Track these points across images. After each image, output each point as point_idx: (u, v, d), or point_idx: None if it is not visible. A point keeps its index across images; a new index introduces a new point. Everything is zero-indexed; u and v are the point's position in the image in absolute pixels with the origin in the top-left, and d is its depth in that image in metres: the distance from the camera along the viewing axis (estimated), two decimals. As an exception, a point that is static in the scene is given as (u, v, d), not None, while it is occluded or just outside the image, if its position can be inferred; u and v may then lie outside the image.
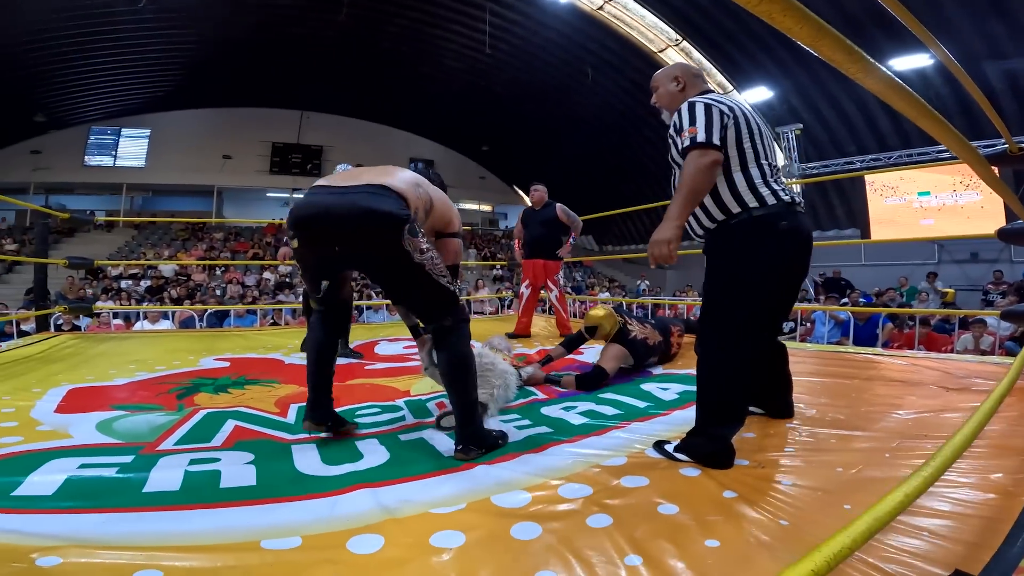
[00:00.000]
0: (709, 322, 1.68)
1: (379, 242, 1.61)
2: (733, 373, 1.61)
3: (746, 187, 1.62)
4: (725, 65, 12.53)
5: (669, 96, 1.83)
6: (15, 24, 11.30)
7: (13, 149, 16.51)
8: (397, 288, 1.78)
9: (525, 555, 1.09)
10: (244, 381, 2.81)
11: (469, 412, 1.70)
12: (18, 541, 1.09)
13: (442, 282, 1.71)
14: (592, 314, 3.05)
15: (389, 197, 1.64)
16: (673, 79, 1.82)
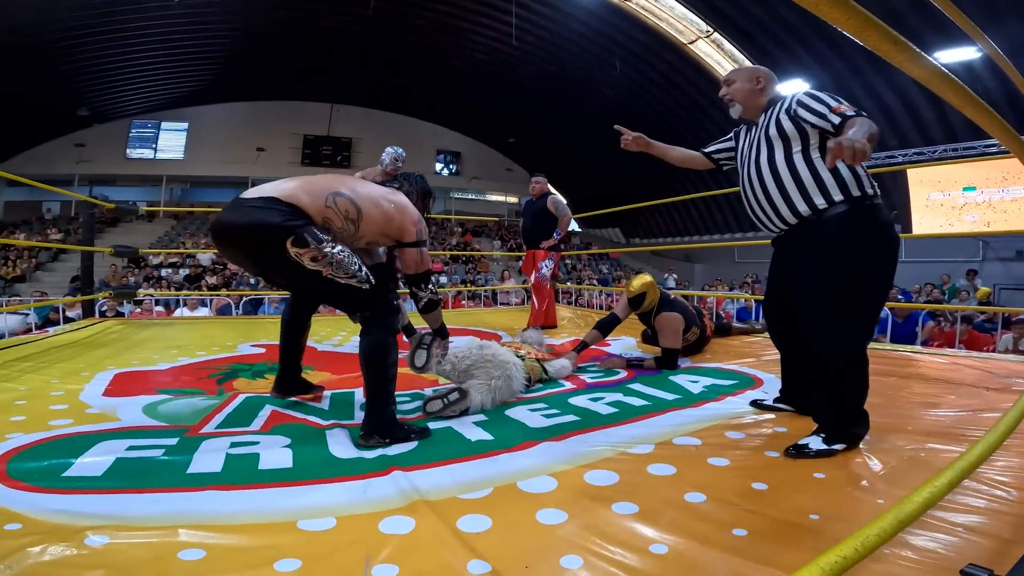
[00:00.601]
0: (837, 316, 1.62)
1: (267, 253, 1.69)
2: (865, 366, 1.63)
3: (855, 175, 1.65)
4: (758, 57, 12.21)
5: (746, 93, 1.90)
6: (59, 20, 11.71)
7: (58, 142, 17.18)
8: (302, 287, 1.88)
9: (551, 540, 1.11)
10: (266, 368, 2.90)
11: (377, 402, 1.74)
12: (68, 521, 1.13)
13: (351, 283, 1.74)
14: (637, 283, 3.02)
15: (275, 210, 1.69)
16: (755, 79, 1.90)
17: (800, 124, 1.70)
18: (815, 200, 1.68)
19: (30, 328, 5.59)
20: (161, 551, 1.03)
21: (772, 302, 1.97)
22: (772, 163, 1.77)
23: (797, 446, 1.61)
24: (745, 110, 1.92)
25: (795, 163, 1.71)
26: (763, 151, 1.79)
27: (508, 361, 2.30)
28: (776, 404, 2.09)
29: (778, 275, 1.93)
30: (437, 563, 1.02)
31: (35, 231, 15.14)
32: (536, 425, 1.90)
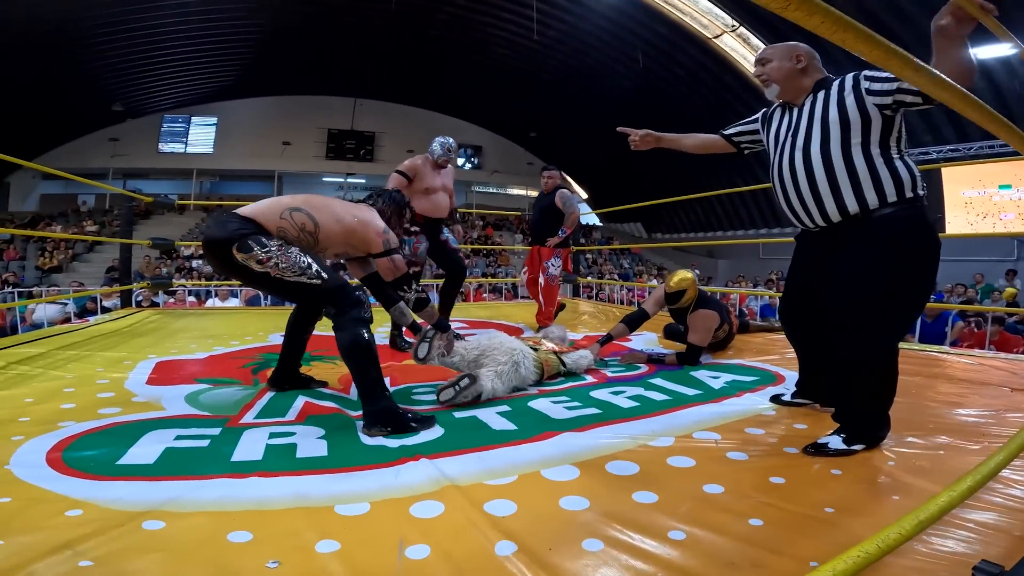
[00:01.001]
0: (878, 321, 1.57)
1: (220, 259, 1.92)
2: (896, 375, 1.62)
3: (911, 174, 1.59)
4: None
5: (785, 72, 1.76)
6: (94, 17, 12.05)
7: (93, 137, 17.71)
8: (270, 291, 2.12)
9: (573, 524, 1.17)
10: (309, 357, 3.00)
11: (368, 391, 1.83)
12: (125, 507, 1.20)
13: (302, 280, 1.90)
14: (676, 279, 3.01)
15: (231, 222, 1.94)
16: (794, 56, 1.75)
17: (865, 106, 1.58)
18: (868, 197, 1.58)
19: (68, 317, 5.83)
20: (212, 534, 1.10)
21: (794, 299, 1.91)
22: (826, 152, 1.63)
23: (816, 445, 1.60)
24: (783, 91, 1.78)
25: (852, 155, 1.59)
26: (815, 138, 1.66)
27: (515, 348, 2.36)
28: (796, 400, 2.07)
29: (804, 272, 1.85)
30: (467, 544, 1.09)
31: (71, 223, 15.68)
32: (559, 417, 1.96)
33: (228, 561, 1.00)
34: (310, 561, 1.02)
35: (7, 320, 6.10)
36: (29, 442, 1.58)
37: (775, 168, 1.79)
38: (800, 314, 1.90)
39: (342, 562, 1.01)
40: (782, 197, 1.78)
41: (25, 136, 14.85)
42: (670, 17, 12.70)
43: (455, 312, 5.24)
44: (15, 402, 2.00)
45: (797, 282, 1.89)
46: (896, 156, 1.60)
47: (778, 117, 1.85)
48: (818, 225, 1.71)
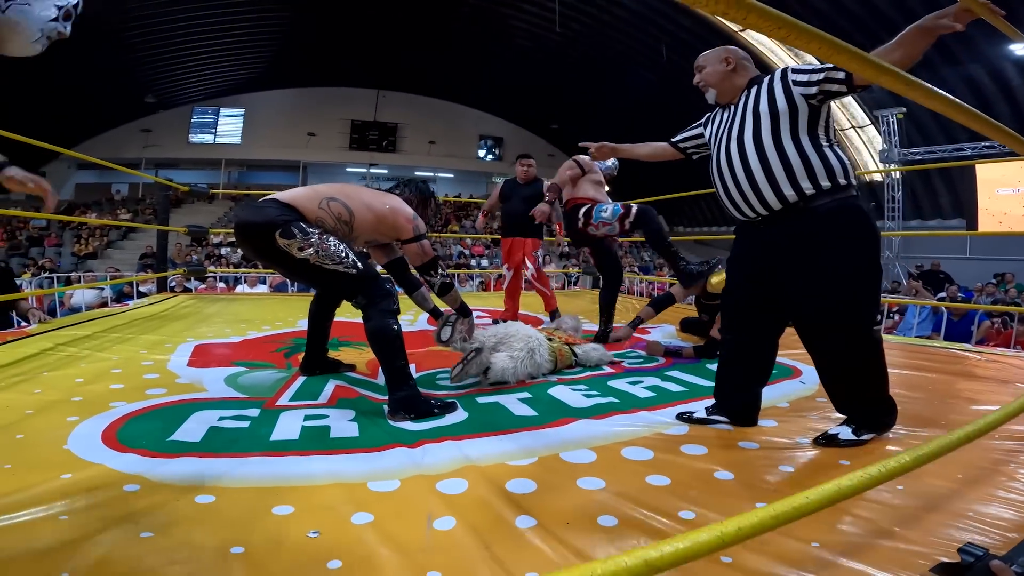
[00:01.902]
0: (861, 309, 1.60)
1: (262, 244, 1.96)
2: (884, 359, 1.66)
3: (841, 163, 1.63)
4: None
5: (719, 75, 1.84)
6: (126, 11, 12.38)
7: (127, 128, 18.24)
8: (303, 279, 2.15)
9: (590, 502, 1.25)
10: (338, 343, 3.13)
11: (394, 379, 1.92)
12: (178, 482, 1.30)
13: (339, 269, 1.96)
14: (718, 279, 3.04)
15: (270, 208, 1.98)
16: (723, 60, 1.84)
17: (792, 96, 1.64)
18: (802, 184, 1.62)
19: (105, 302, 6.10)
20: (258, 507, 1.19)
21: (741, 292, 1.84)
22: (758, 140, 1.68)
23: (827, 435, 1.65)
24: (720, 94, 1.86)
25: (783, 142, 1.64)
26: (747, 128, 1.71)
27: (530, 336, 2.45)
28: (712, 416, 1.86)
29: (750, 264, 1.80)
30: (490, 517, 1.17)
31: (105, 211, 16.21)
32: (577, 405, 2.04)
33: (275, 531, 1.10)
34: (347, 531, 1.11)
35: (44, 305, 6.38)
36: (84, 423, 1.69)
37: (713, 162, 1.84)
38: (745, 308, 1.83)
39: (376, 532, 1.10)
40: (721, 189, 1.81)
41: (61, 126, 15.36)
42: (694, 10, 12.51)
43: (474, 301, 5.33)
44: (67, 383, 2.14)
45: (744, 273, 1.83)
46: (825, 144, 1.65)
47: (718, 118, 1.91)
48: (758, 214, 1.72)
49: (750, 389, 1.85)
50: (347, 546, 1.05)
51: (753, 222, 1.77)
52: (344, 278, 1.98)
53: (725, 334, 1.92)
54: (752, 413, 1.86)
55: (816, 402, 2.11)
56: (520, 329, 2.49)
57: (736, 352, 1.87)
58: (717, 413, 1.87)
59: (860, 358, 1.63)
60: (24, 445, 1.50)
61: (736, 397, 1.85)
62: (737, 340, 1.86)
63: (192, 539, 1.06)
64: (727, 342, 1.90)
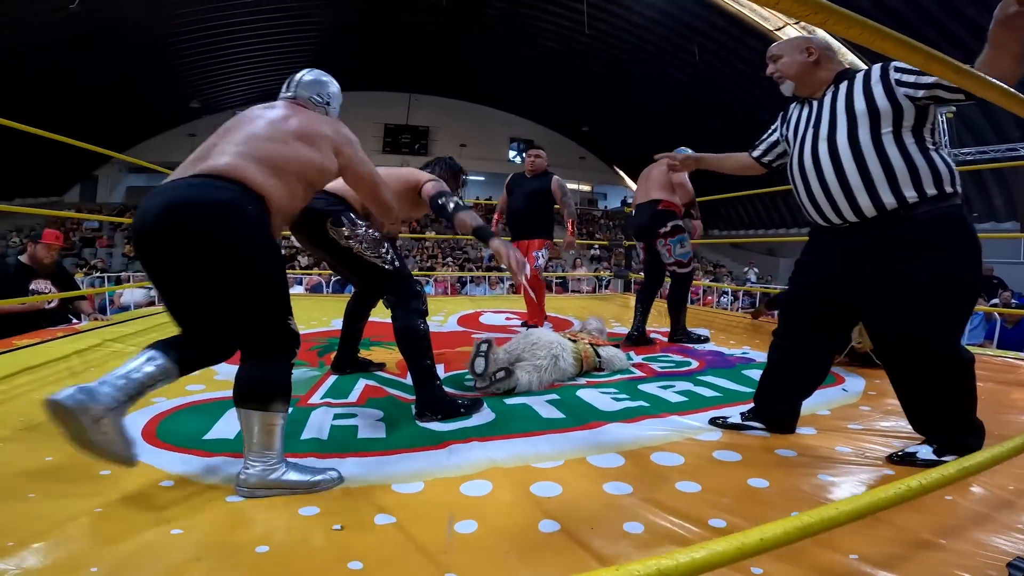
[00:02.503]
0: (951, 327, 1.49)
1: (313, 233, 2.01)
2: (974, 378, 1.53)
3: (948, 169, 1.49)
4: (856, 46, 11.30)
5: (798, 66, 1.69)
6: (171, 17, 12.87)
7: (174, 132, 18.98)
8: (343, 268, 2.16)
9: (616, 508, 1.22)
10: (369, 343, 3.17)
11: (420, 379, 1.92)
12: (210, 480, 1.33)
13: (376, 263, 2.00)
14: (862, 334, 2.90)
15: (323, 199, 2.02)
16: (804, 50, 1.68)
17: (895, 97, 1.48)
18: (904, 192, 1.46)
19: (153, 301, 6.34)
20: (284, 508, 1.20)
21: (806, 298, 1.73)
22: (854, 141, 1.52)
23: (905, 454, 1.52)
24: (799, 86, 1.70)
25: (884, 145, 1.48)
26: (840, 128, 1.56)
27: (553, 342, 2.41)
28: (747, 423, 1.80)
29: (821, 272, 1.68)
30: (512, 521, 1.16)
31: (154, 214, 16.88)
32: (606, 408, 2.00)
33: (300, 532, 1.12)
34: (369, 533, 1.11)
35: (95, 303, 6.70)
36: (126, 418, 1.75)
37: (794, 161, 1.70)
38: (808, 316, 1.72)
39: (398, 533, 1.10)
40: (803, 192, 1.67)
41: (114, 131, 16.08)
42: (727, 9, 12.22)
43: (505, 303, 5.34)
44: (112, 377, 2.22)
45: (811, 278, 1.72)
46: (931, 147, 1.50)
47: (796, 112, 1.77)
48: (847, 221, 1.57)
49: (791, 399, 1.78)
50: (369, 547, 1.05)
51: (834, 228, 1.63)
52: (379, 272, 2.02)
53: (778, 339, 1.80)
54: (790, 421, 1.79)
55: (859, 411, 2.02)
56: (543, 336, 2.46)
57: (786, 360, 1.77)
58: (753, 419, 1.79)
59: (952, 377, 1.49)
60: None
61: (776, 404, 1.78)
62: (791, 348, 1.76)
63: (219, 537, 1.08)
64: (779, 347, 1.80)
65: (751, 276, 13.93)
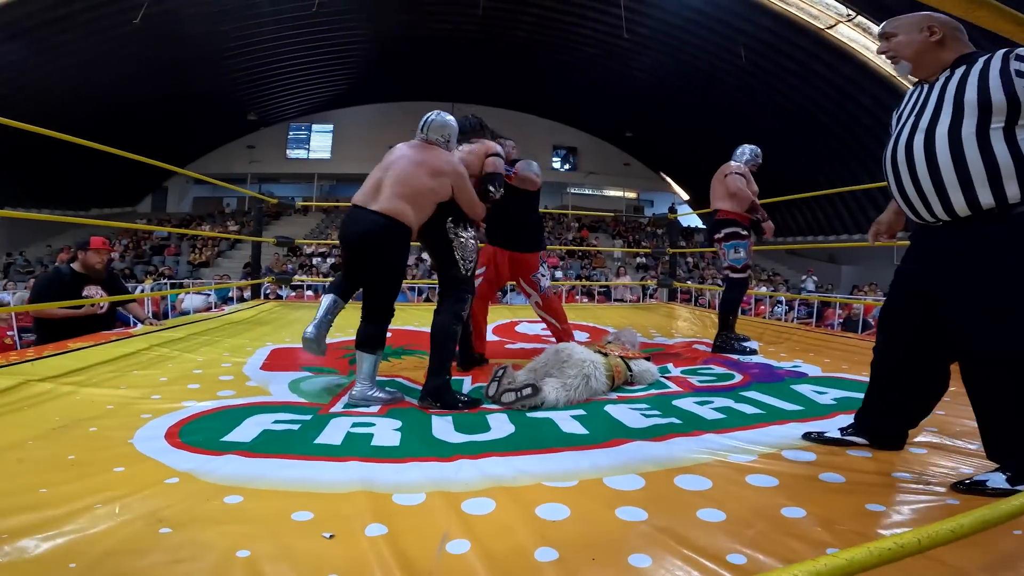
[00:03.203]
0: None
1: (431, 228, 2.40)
2: None
3: None
4: None
5: (916, 46, 1.53)
6: (229, 33, 13.59)
7: (234, 144, 20.04)
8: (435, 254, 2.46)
9: (625, 536, 1.13)
10: (401, 351, 3.19)
11: (435, 369, 2.19)
12: (216, 480, 1.34)
13: (459, 263, 2.37)
14: None
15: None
16: (927, 28, 1.52)
17: (1015, 90, 1.33)
18: (1008, 189, 1.33)
19: (211, 307, 6.67)
20: (279, 512, 1.19)
21: (902, 309, 1.61)
22: (955, 135, 1.40)
23: (973, 482, 1.35)
24: (917, 67, 1.54)
25: (990, 139, 1.35)
26: (943, 118, 1.42)
27: (585, 360, 2.29)
28: (847, 437, 1.71)
29: (914, 276, 1.57)
30: (508, 545, 1.08)
31: (216, 223, 17.85)
32: (634, 424, 1.90)
33: (286, 538, 1.09)
34: (356, 543, 1.07)
35: (160, 307, 7.13)
36: (154, 420, 1.81)
37: (889, 149, 1.56)
38: (905, 326, 1.60)
39: (387, 546, 1.06)
40: (894, 184, 1.55)
41: (179, 145, 17.16)
42: (773, 9, 11.74)
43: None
44: (151, 381, 2.31)
45: (907, 287, 1.61)
46: None
47: (912, 98, 1.60)
48: (939, 219, 1.46)
49: (900, 416, 1.65)
50: (352, 559, 1.01)
51: (929, 226, 1.52)
52: (455, 270, 2.37)
53: (878, 354, 1.70)
54: (899, 437, 1.66)
55: (924, 430, 1.82)
56: (574, 353, 2.34)
57: (891, 375, 1.65)
58: (855, 433, 1.69)
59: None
60: (93, 438, 1.61)
61: (883, 419, 1.66)
62: (885, 363, 1.67)
63: (204, 538, 1.07)
64: (879, 363, 1.69)
65: (809, 284, 13.22)
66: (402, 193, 2.19)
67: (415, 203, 2.20)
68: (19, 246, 14.64)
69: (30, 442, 1.55)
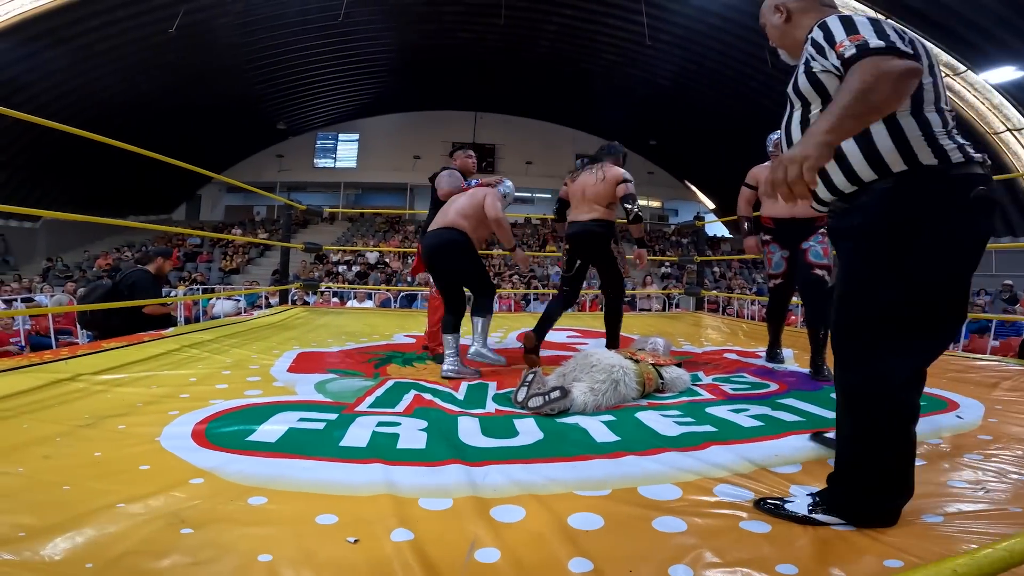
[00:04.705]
0: (848, 330, 1.20)
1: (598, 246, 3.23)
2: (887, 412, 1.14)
3: (920, 135, 1.15)
4: (950, 42, 10.20)
5: (777, 32, 1.46)
6: (259, 42, 13.90)
7: (264, 153, 20.46)
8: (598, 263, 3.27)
9: (663, 547, 1.06)
10: (426, 357, 3.16)
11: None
12: (240, 480, 1.32)
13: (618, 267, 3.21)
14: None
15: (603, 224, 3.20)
16: (775, 8, 1.43)
17: (814, 75, 1.25)
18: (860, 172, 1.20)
19: (240, 311, 6.79)
20: (303, 515, 1.16)
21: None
22: (788, 128, 1.35)
23: (774, 501, 1.23)
24: (790, 53, 1.47)
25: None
26: (787, 111, 1.37)
27: (614, 365, 2.22)
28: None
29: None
30: (540, 555, 1.03)
31: (247, 231, 18.27)
32: (667, 432, 1.82)
33: (309, 543, 1.05)
34: (381, 549, 1.03)
35: (192, 312, 7.31)
36: (181, 416, 1.81)
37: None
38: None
39: (412, 553, 1.01)
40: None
41: (210, 154, 17.60)
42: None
43: (568, 321, 5.18)
44: (180, 380, 2.33)
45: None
46: (906, 111, 1.16)
47: None
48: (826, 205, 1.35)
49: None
50: (375, 565, 0.97)
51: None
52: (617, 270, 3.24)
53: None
54: None
55: (978, 439, 1.72)
56: (604, 359, 2.28)
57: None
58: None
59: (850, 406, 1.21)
60: (121, 435, 1.61)
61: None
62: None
63: (225, 540, 1.04)
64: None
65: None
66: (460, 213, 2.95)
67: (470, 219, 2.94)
68: (58, 252, 15.20)
69: (58, 439, 1.55)
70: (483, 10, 13.76)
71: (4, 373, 2.22)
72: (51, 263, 13.98)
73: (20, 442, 1.50)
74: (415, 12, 13.92)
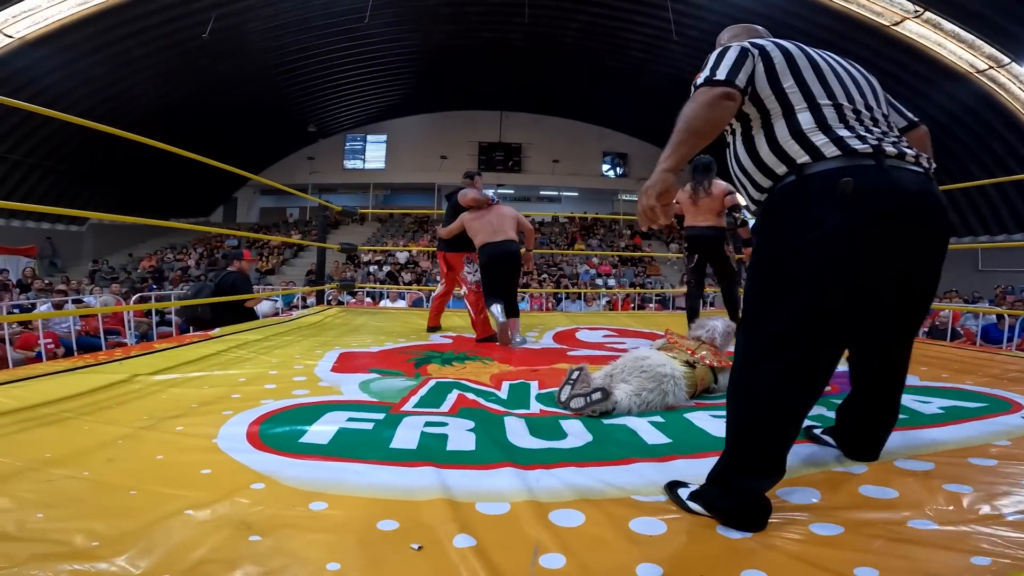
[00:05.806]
0: (741, 331, 1.30)
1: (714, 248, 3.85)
2: (761, 406, 1.21)
3: (788, 135, 1.24)
4: (992, 35, 9.73)
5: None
6: (288, 46, 14.12)
7: (296, 155, 20.87)
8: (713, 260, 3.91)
9: (732, 552, 1.04)
10: (464, 357, 3.18)
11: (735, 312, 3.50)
12: (299, 486, 1.32)
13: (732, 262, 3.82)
14: None
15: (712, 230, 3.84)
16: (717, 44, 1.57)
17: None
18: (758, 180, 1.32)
19: (277, 312, 6.94)
20: (365, 520, 1.16)
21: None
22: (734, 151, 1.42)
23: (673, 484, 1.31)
24: None
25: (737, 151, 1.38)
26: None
27: (665, 375, 2.12)
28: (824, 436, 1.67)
29: None
30: (606, 560, 1.02)
31: (281, 232, 18.70)
32: (719, 434, 1.77)
33: (374, 549, 1.06)
34: (446, 556, 1.03)
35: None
36: (235, 416, 1.85)
37: None
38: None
39: (477, 559, 1.01)
40: None
41: (247, 156, 18.03)
42: (830, 7, 11.08)
43: (602, 320, 5.15)
44: (231, 380, 2.39)
45: None
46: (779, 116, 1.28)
47: None
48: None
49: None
50: (443, 573, 0.97)
51: None
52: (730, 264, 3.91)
53: None
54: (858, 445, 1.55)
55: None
56: (655, 364, 2.16)
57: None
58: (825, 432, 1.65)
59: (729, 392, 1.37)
60: (180, 436, 1.65)
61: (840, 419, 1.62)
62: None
63: (293, 548, 1.04)
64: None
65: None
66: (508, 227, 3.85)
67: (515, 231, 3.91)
68: (103, 254, 15.84)
69: (120, 441, 1.57)
70: (506, 9, 13.72)
71: (62, 374, 2.31)
72: (97, 265, 14.57)
73: (83, 445, 1.52)
74: (439, 13, 13.99)
